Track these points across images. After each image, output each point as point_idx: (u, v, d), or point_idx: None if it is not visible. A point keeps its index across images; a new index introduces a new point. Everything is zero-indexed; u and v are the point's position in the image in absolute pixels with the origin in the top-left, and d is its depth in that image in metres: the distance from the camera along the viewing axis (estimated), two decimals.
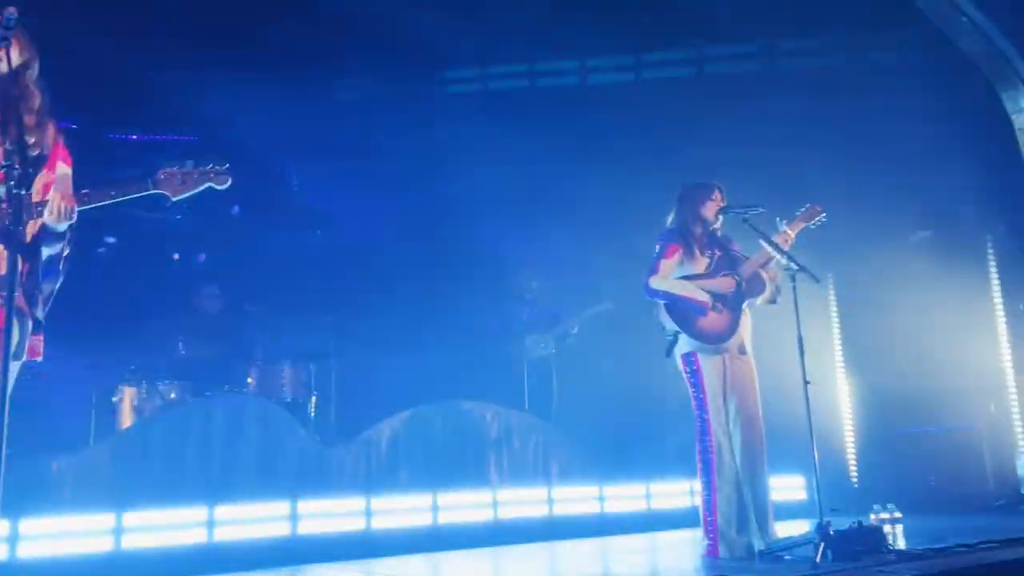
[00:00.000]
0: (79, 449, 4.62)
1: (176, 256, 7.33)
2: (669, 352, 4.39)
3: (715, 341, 4.30)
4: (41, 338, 2.71)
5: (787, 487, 6.17)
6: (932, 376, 6.92)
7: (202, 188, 2.71)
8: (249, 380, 5.70)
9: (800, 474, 6.21)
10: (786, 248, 4.26)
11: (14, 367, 2.57)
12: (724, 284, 4.35)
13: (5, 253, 2.53)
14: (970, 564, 3.64)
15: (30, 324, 2.63)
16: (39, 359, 2.72)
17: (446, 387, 6.06)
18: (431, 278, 6.82)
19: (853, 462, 7.54)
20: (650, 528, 5.68)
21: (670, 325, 4.35)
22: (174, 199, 2.68)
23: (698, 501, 4.35)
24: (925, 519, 5.71)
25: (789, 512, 5.30)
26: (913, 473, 7.12)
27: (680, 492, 5.95)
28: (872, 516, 5.13)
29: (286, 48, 6.98)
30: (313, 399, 5.87)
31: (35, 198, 2.63)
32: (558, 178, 7.07)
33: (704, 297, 4.31)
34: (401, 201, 7.84)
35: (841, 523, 3.92)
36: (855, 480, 7.48)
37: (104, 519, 4.15)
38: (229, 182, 2.74)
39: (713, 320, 4.31)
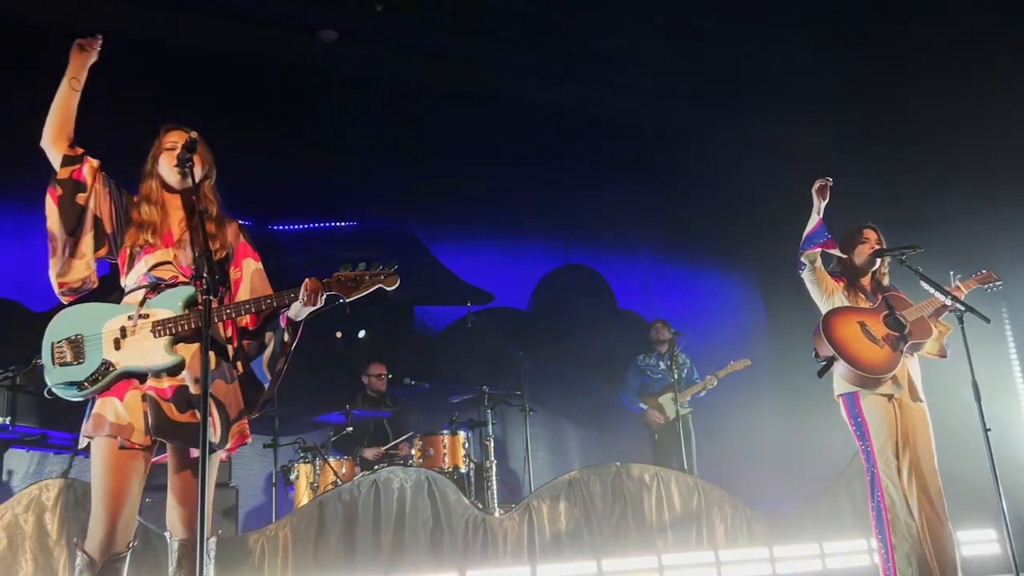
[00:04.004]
0: (265, 526, 4.91)
1: (339, 334, 7.65)
2: (823, 373, 4.21)
3: (872, 372, 4.06)
4: (246, 421, 2.91)
5: (977, 541, 5.72)
6: None
7: (373, 289, 2.87)
8: (414, 452, 5.92)
9: (990, 527, 5.75)
10: (959, 297, 4.13)
11: (217, 456, 2.81)
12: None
13: (197, 350, 2.74)
14: None
15: (230, 415, 2.81)
16: (248, 440, 2.92)
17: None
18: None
19: None
20: None
21: (824, 350, 4.15)
22: (348, 300, 2.86)
23: (877, 560, 4.13)
24: None
25: (982, 568, 4.91)
26: None
27: (857, 550, 5.65)
28: None
29: None
30: (473, 466, 6.01)
31: (228, 298, 2.88)
32: None
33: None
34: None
35: None
36: None
37: None
38: (398, 283, 2.87)
39: (874, 350, 4.10)
